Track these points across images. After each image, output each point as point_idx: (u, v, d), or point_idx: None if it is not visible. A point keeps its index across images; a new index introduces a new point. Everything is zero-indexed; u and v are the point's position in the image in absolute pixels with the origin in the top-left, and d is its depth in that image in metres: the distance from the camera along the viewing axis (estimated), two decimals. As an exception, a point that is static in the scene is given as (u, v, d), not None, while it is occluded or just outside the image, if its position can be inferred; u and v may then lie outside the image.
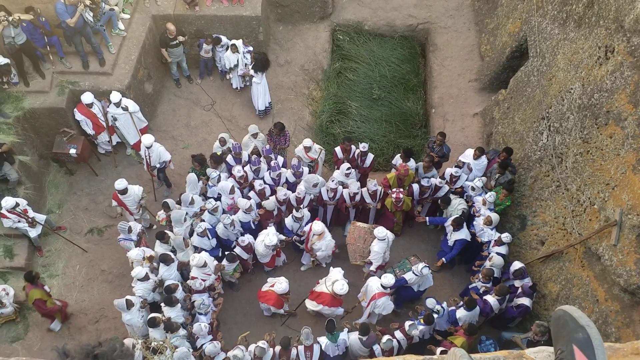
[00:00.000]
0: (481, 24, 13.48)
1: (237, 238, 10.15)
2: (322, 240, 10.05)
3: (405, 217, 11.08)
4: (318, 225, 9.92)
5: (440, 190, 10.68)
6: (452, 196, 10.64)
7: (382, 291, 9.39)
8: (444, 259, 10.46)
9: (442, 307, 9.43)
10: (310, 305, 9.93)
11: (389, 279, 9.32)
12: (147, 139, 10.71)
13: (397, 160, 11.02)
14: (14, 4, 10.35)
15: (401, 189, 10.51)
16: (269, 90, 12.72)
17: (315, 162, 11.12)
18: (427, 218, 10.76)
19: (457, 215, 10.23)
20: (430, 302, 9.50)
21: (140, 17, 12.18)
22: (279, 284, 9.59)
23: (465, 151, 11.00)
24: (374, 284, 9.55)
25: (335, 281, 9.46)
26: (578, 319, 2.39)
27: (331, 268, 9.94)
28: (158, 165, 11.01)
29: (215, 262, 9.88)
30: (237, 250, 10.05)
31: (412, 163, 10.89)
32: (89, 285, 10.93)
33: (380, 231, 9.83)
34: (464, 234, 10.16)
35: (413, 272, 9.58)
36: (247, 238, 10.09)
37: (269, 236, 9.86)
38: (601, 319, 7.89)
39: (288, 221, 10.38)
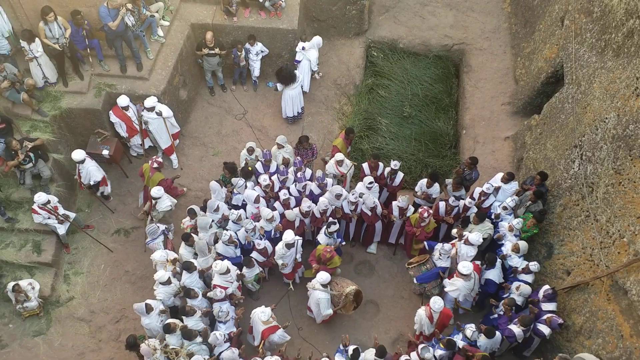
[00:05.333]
0: (517, 48, 13.39)
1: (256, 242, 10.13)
2: None
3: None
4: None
5: (469, 211, 10.58)
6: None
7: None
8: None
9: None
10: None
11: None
12: (78, 154, 10.61)
13: (422, 186, 10.91)
14: (59, 7, 10.63)
15: (430, 207, 10.48)
16: (303, 99, 12.89)
17: (344, 177, 11.10)
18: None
19: (494, 254, 9.97)
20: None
21: (179, 24, 12.40)
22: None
23: (495, 175, 10.89)
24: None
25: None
26: None
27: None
28: (91, 183, 10.90)
29: (237, 271, 9.93)
30: (254, 254, 10.04)
31: (435, 188, 10.80)
32: (112, 284, 11.09)
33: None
34: (494, 274, 9.90)
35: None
36: (264, 242, 10.08)
37: (289, 234, 9.84)
38: (625, 356, 7.69)
39: (321, 238, 10.28)
